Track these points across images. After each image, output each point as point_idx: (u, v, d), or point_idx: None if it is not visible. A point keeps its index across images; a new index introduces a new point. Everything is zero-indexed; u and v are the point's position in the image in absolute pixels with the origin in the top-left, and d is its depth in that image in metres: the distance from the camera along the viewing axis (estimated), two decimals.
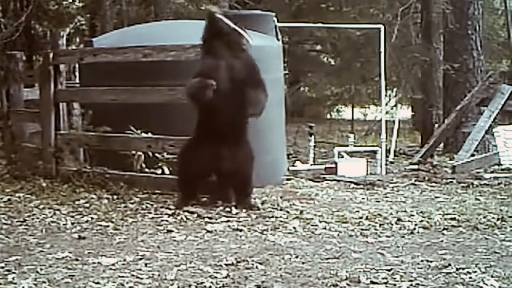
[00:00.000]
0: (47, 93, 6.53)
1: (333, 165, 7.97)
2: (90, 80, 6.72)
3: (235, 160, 5.44)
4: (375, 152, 8.50)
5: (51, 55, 6.55)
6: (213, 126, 5.37)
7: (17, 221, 4.98)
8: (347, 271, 3.68)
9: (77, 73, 7.09)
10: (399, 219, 5.16)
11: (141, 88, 6.15)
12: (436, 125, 10.80)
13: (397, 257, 4.05)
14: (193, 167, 5.48)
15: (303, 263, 3.91)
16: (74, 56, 6.56)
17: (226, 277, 3.59)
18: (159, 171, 6.13)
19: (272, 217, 5.21)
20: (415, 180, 7.46)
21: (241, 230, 4.76)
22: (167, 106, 6.17)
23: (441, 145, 9.92)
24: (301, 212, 5.43)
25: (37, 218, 5.07)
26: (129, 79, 6.35)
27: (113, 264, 3.84)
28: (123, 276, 3.60)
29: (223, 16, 5.49)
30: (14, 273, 3.65)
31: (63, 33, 6.89)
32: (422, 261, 3.94)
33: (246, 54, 5.50)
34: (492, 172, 7.90)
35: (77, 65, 6.81)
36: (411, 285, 3.48)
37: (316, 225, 4.95)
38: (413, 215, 5.34)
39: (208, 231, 4.72)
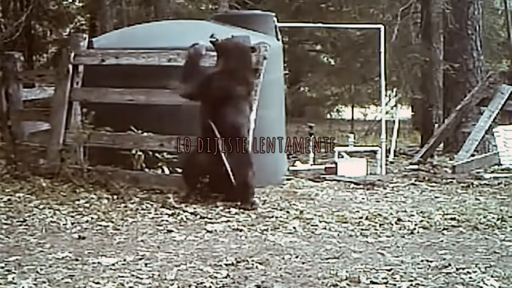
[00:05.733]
0: (62, 92, 6.54)
1: (333, 165, 7.98)
2: (91, 80, 6.70)
3: (230, 164, 5.52)
4: (375, 152, 8.50)
5: (72, 54, 6.58)
6: (209, 132, 5.57)
7: (17, 221, 4.97)
8: (347, 271, 3.68)
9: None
10: (399, 219, 5.16)
11: (158, 90, 6.17)
12: (436, 125, 10.78)
13: (397, 257, 4.05)
14: (194, 168, 5.69)
15: (303, 263, 3.91)
16: (96, 57, 6.57)
17: (226, 277, 3.59)
18: (159, 171, 6.14)
19: (272, 217, 5.22)
20: (415, 180, 7.46)
21: (241, 230, 4.77)
22: (167, 107, 6.18)
23: (441, 145, 9.92)
24: (301, 212, 5.43)
25: (37, 218, 5.06)
26: (128, 80, 6.35)
27: (113, 264, 3.84)
28: (123, 276, 3.60)
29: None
30: (14, 273, 3.65)
31: (85, 36, 6.93)
32: (422, 261, 3.94)
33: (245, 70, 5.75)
34: (492, 172, 7.90)
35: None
36: (411, 285, 3.48)
37: (316, 225, 4.96)
38: (413, 215, 5.34)
39: (208, 231, 4.72)
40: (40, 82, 7.89)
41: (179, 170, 5.92)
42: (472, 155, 8.52)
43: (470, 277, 3.58)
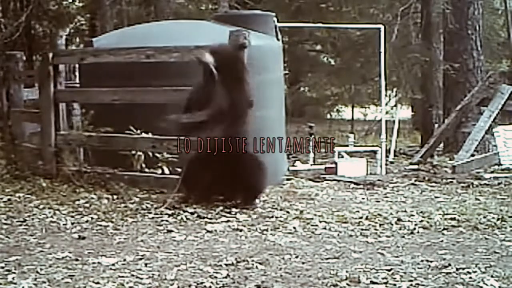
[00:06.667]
0: (47, 93, 6.53)
1: (333, 165, 7.98)
2: (90, 80, 6.71)
3: (231, 166, 5.49)
4: (375, 152, 8.51)
5: (50, 55, 6.56)
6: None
7: (17, 221, 4.98)
8: (347, 271, 3.68)
9: (77, 73, 7.08)
10: (399, 219, 5.16)
11: (144, 88, 6.15)
12: (436, 125, 10.79)
13: (397, 257, 4.05)
14: (198, 170, 5.59)
15: (303, 263, 3.91)
16: (75, 56, 6.55)
17: (226, 277, 3.59)
18: (159, 171, 6.13)
19: (272, 217, 5.21)
20: (415, 180, 7.46)
21: (241, 230, 4.77)
22: (167, 106, 6.17)
23: (441, 145, 9.92)
24: (301, 212, 5.43)
25: (37, 218, 5.07)
26: (130, 79, 6.35)
27: (113, 264, 3.84)
28: (123, 276, 3.60)
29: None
30: (14, 273, 3.66)
31: (62, 34, 6.89)
32: (422, 261, 3.94)
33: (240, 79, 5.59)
34: (492, 172, 7.90)
35: (77, 65, 6.80)
36: (411, 285, 3.48)
37: (316, 225, 4.95)
38: (413, 215, 5.34)
39: (208, 231, 4.72)
40: (32, 82, 7.89)
41: (179, 171, 5.90)
42: (472, 155, 8.52)
43: (470, 277, 3.58)
